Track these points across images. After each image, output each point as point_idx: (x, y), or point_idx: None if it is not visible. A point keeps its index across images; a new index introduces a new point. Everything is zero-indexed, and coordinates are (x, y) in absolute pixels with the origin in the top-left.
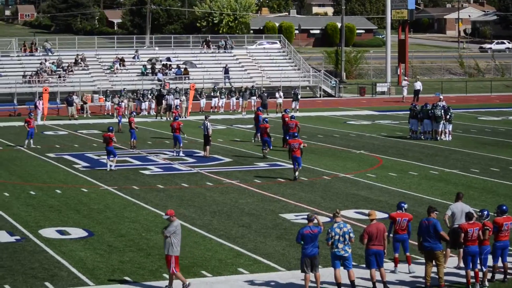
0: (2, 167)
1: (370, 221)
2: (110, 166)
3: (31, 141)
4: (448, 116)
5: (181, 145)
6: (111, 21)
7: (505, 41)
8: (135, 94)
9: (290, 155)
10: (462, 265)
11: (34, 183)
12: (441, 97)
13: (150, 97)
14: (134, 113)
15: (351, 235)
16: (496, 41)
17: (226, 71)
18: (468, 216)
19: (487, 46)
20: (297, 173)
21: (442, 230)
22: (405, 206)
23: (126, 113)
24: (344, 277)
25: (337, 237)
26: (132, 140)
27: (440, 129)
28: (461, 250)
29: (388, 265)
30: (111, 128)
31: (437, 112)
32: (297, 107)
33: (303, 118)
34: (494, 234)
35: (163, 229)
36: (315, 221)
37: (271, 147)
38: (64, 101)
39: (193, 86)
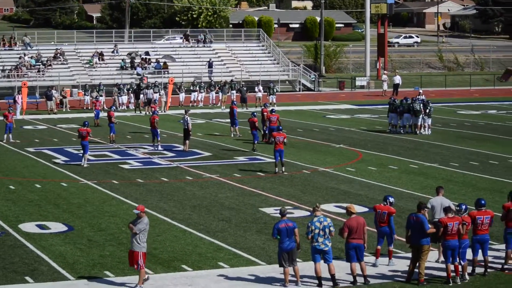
0: None
1: (349, 215)
2: (84, 162)
3: (10, 135)
4: (427, 110)
5: (159, 139)
6: (90, 15)
7: (413, 35)
8: (115, 88)
9: (274, 148)
10: (442, 259)
11: (14, 177)
12: (421, 91)
13: (128, 91)
14: (114, 107)
15: (331, 228)
16: (404, 35)
17: (210, 65)
18: (447, 210)
19: (394, 40)
20: (283, 168)
21: (429, 227)
22: (391, 199)
23: (104, 107)
24: (325, 271)
25: (317, 231)
26: (111, 134)
27: (419, 123)
28: (441, 244)
29: (369, 258)
30: (86, 122)
31: (416, 106)
32: (274, 101)
33: (283, 112)
34: (473, 228)
35: (130, 223)
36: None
37: (257, 141)
38: (43, 96)
39: (171, 80)
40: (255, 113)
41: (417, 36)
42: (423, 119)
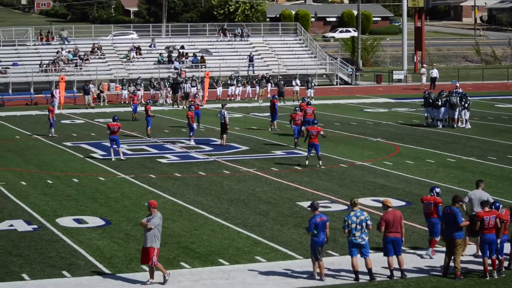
0: (19, 156)
1: (386, 209)
2: (117, 156)
3: (52, 130)
4: (465, 104)
5: (191, 134)
6: (127, 9)
7: (350, 29)
8: (151, 82)
9: (308, 141)
10: (480, 253)
11: (51, 172)
12: (458, 84)
13: (167, 85)
14: (150, 101)
15: (369, 222)
16: (340, 29)
17: (251, 59)
18: (483, 204)
19: (330, 34)
20: (320, 162)
21: (462, 221)
22: (437, 190)
23: (142, 101)
24: (362, 265)
25: (353, 225)
26: (148, 128)
27: (456, 117)
28: (479, 238)
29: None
30: (115, 117)
31: (453, 99)
32: (312, 95)
33: (320, 106)
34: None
35: (142, 220)
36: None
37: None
38: (81, 90)
39: (207, 74)
40: (297, 108)
41: (354, 31)
42: (461, 113)
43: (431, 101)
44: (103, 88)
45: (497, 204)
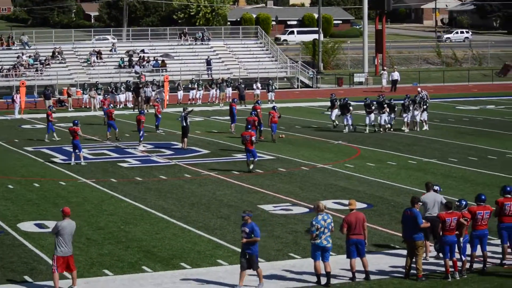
0: None
1: (349, 211)
2: (76, 160)
3: (47, 135)
4: (424, 106)
5: (141, 139)
6: (88, 14)
7: (464, 30)
8: (108, 87)
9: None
10: (430, 255)
11: (12, 176)
12: (419, 89)
13: (124, 89)
14: (111, 105)
15: (332, 225)
16: (455, 30)
17: (209, 63)
18: (447, 206)
19: (445, 36)
20: (251, 166)
21: (423, 222)
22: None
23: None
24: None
25: (322, 229)
26: (116, 131)
27: (406, 120)
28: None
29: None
30: (76, 121)
31: (406, 102)
32: (273, 98)
33: (281, 109)
34: (472, 223)
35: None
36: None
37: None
38: (42, 95)
39: (167, 78)
40: (254, 112)
41: (467, 32)
42: (420, 115)
43: (336, 103)
44: (70, 92)
45: (464, 201)
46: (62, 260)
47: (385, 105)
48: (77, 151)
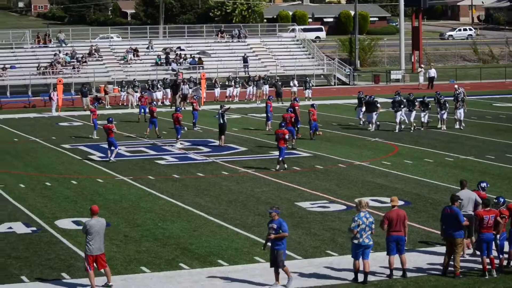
0: (17, 158)
1: (391, 207)
2: (110, 157)
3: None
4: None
5: (179, 136)
6: (124, 11)
7: (467, 27)
8: (145, 84)
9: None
10: (467, 252)
11: (50, 174)
12: (456, 86)
13: (161, 87)
14: (154, 103)
15: (373, 226)
16: (458, 27)
17: (245, 60)
18: (485, 203)
19: (448, 33)
20: (278, 166)
21: (464, 220)
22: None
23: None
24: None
25: (363, 226)
26: (156, 129)
27: (440, 118)
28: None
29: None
30: (110, 119)
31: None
32: (310, 95)
33: (318, 106)
34: (511, 220)
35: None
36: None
37: (295, 137)
38: (79, 92)
39: (203, 75)
40: (291, 109)
41: (471, 29)
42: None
43: (364, 103)
44: (107, 90)
45: (502, 199)
46: (93, 258)
47: (417, 103)
48: (112, 148)
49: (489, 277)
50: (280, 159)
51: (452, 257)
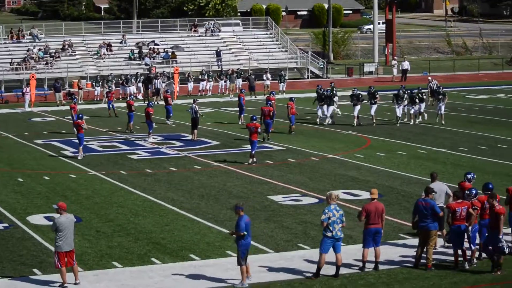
0: None
1: (370, 200)
2: (77, 153)
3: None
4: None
5: (150, 131)
6: (98, 6)
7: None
8: (119, 79)
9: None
10: (441, 244)
11: (22, 169)
12: (430, 78)
13: (135, 81)
14: (132, 97)
15: (343, 219)
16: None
17: (218, 54)
18: (457, 195)
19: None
20: (250, 160)
21: (440, 211)
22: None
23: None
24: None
25: (334, 218)
26: (130, 123)
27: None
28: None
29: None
30: (80, 115)
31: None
32: (284, 88)
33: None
34: (480, 212)
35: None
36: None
37: (270, 130)
38: (52, 88)
39: (176, 70)
40: (270, 102)
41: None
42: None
43: (323, 97)
44: (81, 85)
45: (474, 190)
46: (64, 255)
47: (377, 96)
48: (84, 143)
49: (461, 268)
50: (253, 152)
51: (425, 249)
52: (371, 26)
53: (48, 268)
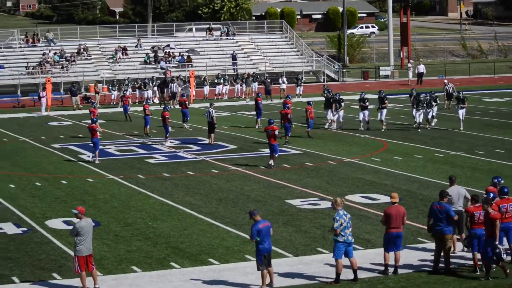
0: (7, 158)
1: (391, 203)
2: (93, 158)
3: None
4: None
5: (167, 135)
6: (112, 10)
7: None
8: (135, 83)
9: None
10: (458, 249)
11: (40, 174)
12: (446, 81)
13: (152, 85)
14: (149, 101)
15: (350, 222)
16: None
17: (234, 57)
18: (474, 199)
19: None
20: (271, 161)
21: (455, 215)
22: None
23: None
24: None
25: (345, 223)
26: (147, 127)
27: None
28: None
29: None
30: (95, 119)
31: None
32: (301, 92)
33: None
34: None
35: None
36: None
37: (290, 134)
38: (68, 91)
39: (192, 73)
40: (288, 105)
41: (373, 27)
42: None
43: (331, 101)
44: (97, 89)
45: (492, 194)
46: (84, 259)
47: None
48: (95, 149)
49: (480, 272)
50: (276, 155)
51: (442, 253)
52: (375, 30)
53: (68, 273)
